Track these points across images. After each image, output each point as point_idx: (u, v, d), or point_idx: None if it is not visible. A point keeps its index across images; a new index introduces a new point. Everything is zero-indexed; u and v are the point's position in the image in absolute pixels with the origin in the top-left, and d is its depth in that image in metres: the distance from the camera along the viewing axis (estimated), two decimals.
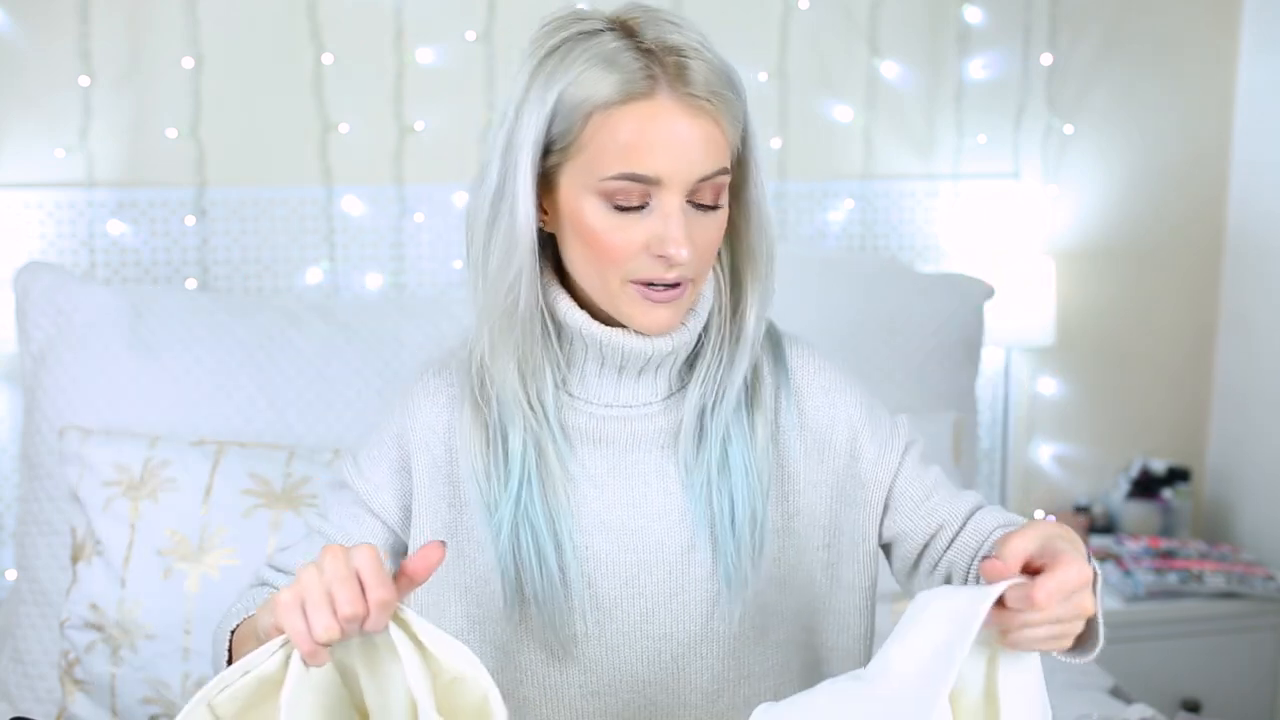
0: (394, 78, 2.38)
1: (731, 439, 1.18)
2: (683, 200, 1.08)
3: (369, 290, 2.40)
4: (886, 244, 2.61)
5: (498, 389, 1.17)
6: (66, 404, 1.93)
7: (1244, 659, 2.51)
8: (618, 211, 1.09)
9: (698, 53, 1.08)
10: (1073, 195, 2.71)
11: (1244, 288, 2.77)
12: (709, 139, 1.08)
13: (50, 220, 2.27)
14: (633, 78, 1.06)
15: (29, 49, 2.25)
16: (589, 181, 1.09)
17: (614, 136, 1.07)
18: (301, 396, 2.01)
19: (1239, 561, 2.57)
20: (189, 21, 2.29)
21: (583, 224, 1.10)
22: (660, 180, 1.07)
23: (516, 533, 1.17)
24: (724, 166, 1.10)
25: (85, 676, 1.78)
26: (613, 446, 1.20)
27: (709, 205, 1.10)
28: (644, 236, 1.09)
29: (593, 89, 1.06)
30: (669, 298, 1.11)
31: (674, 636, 1.21)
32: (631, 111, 1.06)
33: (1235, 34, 2.75)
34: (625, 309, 1.13)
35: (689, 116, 1.07)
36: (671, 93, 1.07)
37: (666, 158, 1.07)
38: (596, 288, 1.13)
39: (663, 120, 1.06)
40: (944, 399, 2.27)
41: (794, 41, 2.52)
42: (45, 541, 1.93)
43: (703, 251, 1.11)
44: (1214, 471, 2.86)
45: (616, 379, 1.19)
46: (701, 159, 1.08)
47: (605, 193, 1.08)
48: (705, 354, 1.19)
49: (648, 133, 1.06)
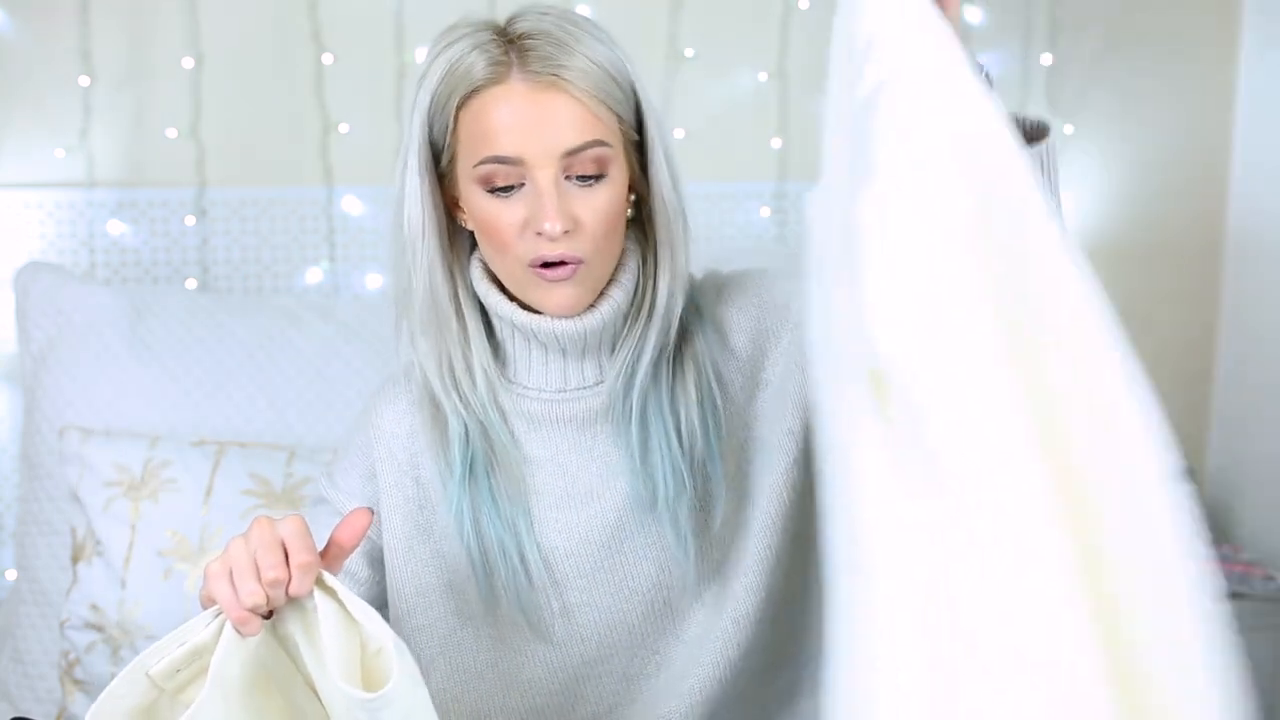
0: (394, 78, 2.38)
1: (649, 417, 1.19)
2: (556, 175, 1.11)
3: (369, 290, 2.40)
4: None
5: (426, 379, 1.21)
6: (66, 404, 1.93)
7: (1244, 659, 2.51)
8: (495, 195, 1.13)
9: (558, 35, 1.12)
10: (1073, 195, 2.71)
11: (1244, 288, 2.77)
12: (570, 113, 1.11)
13: (50, 220, 2.27)
14: (490, 63, 1.12)
15: (29, 49, 2.25)
16: (467, 170, 1.14)
17: (478, 123, 1.12)
18: (301, 396, 2.01)
19: (1239, 562, 2.58)
20: (189, 21, 2.29)
21: (475, 214, 1.15)
22: (524, 159, 1.11)
23: (477, 521, 1.19)
24: (595, 139, 1.12)
25: (85, 677, 1.78)
26: (570, 425, 1.22)
27: (590, 176, 1.13)
28: (522, 216, 1.12)
29: (456, 81, 1.12)
30: (560, 276, 1.13)
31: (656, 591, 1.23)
32: (488, 97, 1.12)
33: (1235, 34, 2.75)
34: (531, 294, 1.16)
35: (541, 92, 1.11)
36: (522, 73, 1.11)
37: (525, 136, 1.11)
38: (506, 276, 1.17)
39: (514, 101, 1.11)
40: None
41: (794, 41, 2.52)
42: (45, 541, 1.94)
43: (591, 226, 1.13)
44: (1214, 472, 2.86)
45: (562, 363, 1.21)
46: (563, 133, 1.11)
47: (481, 178, 1.13)
48: (624, 333, 1.20)
49: (503, 115, 1.11)
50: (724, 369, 1.24)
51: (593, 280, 1.16)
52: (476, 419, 1.20)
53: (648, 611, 1.23)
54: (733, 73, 2.46)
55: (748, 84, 2.51)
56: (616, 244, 1.18)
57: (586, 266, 1.14)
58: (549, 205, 1.10)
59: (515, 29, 1.13)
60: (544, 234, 1.11)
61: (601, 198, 1.13)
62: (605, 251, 1.16)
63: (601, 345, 1.21)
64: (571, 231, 1.12)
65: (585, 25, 1.14)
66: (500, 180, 1.12)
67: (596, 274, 1.16)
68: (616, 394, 1.20)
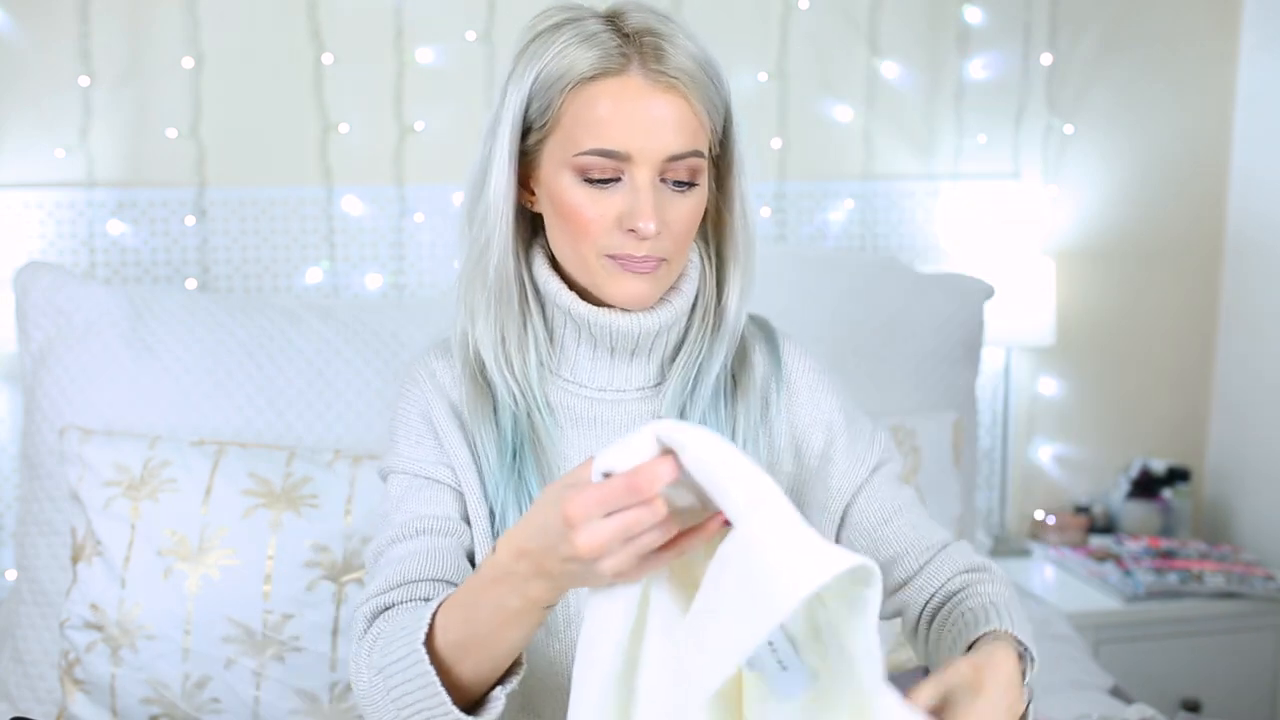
0: (394, 78, 2.38)
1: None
2: (654, 176, 1.11)
3: (369, 290, 2.40)
4: (886, 244, 2.61)
5: (482, 357, 1.20)
6: (66, 404, 1.93)
7: (1244, 659, 2.51)
8: (591, 185, 1.12)
9: (675, 38, 1.11)
10: (1073, 195, 2.71)
11: (1244, 288, 2.77)
12: (680, 118, 1.11)
13: (50, 220, 2.27)
14: (607, 54, 1.10)
15: (29, 49, 2.25)
16: (564, 157, 1.12)
17: (587, 112, 1.10)
18: (302, 396, 2.01)
19: (1239, 561, 2.57)
20: (189, 21, 2.29)
21: (560, 199, 1.14)
22: (630, 156, 1.10)
23: (518, 504, 1.18)
24: (697, 149, 1.12)
25: (85, 676, 1.77)
26: (606, 428, 1.22)
27: (684, 182, 1.13)
28: (616, 210, 1.12)
29: (569, 65, 1.10)
30: (643, 269, 1.13)
31: None
32: (604, 87, 1.10)
33: (1235, 34, 2.75)
34: (602, 283, 1.15)
35: (660, 94, 1.10)
36: (643, 70, 1.10)
37: (636, 133, 1.10)
38: (575, 264, 1.16)
39: (633, 96, 1.10)
40: (944, 399, 2.27)
41: (794, 41, 2.52)
42: (45, 541, 1.93)
43: (677, 230, 1.13)
44: (1214, 471, 2.86)
45: (609, 362, 1.21)
46: (672, 137, 1.10)
47: (579, 167, 1.12)
48: (688, 341, 1.21)
49: (618, 108, 1.10)
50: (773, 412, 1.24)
51: (667, 282, 1.17)
52: (524, 401, 1.20)
53: None
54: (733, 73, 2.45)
55: (748, 84, 2.51)
56: (689, 245, 1.19)
57: (666, 265, 1.15)
58: (646, 205, 1.10)
59: (629, 24, 1.12)
60: (637, 232, 1.11)
61: (690, 204, 1.14)
62: (681, 257, 1.17)
63: (652, 349, 1.21)
64: (660, 233, 1.12)
65: (688, 30, 1.13)
66: (598, 172, 1.11)
67: (671, 276, 1.17)
68: (676, 400, 1.19)
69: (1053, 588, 2.53)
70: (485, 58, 2.39)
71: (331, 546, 1.79)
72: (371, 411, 2.01)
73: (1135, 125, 2.72)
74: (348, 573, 1.79)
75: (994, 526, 2.72)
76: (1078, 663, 2.13)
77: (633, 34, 1.11)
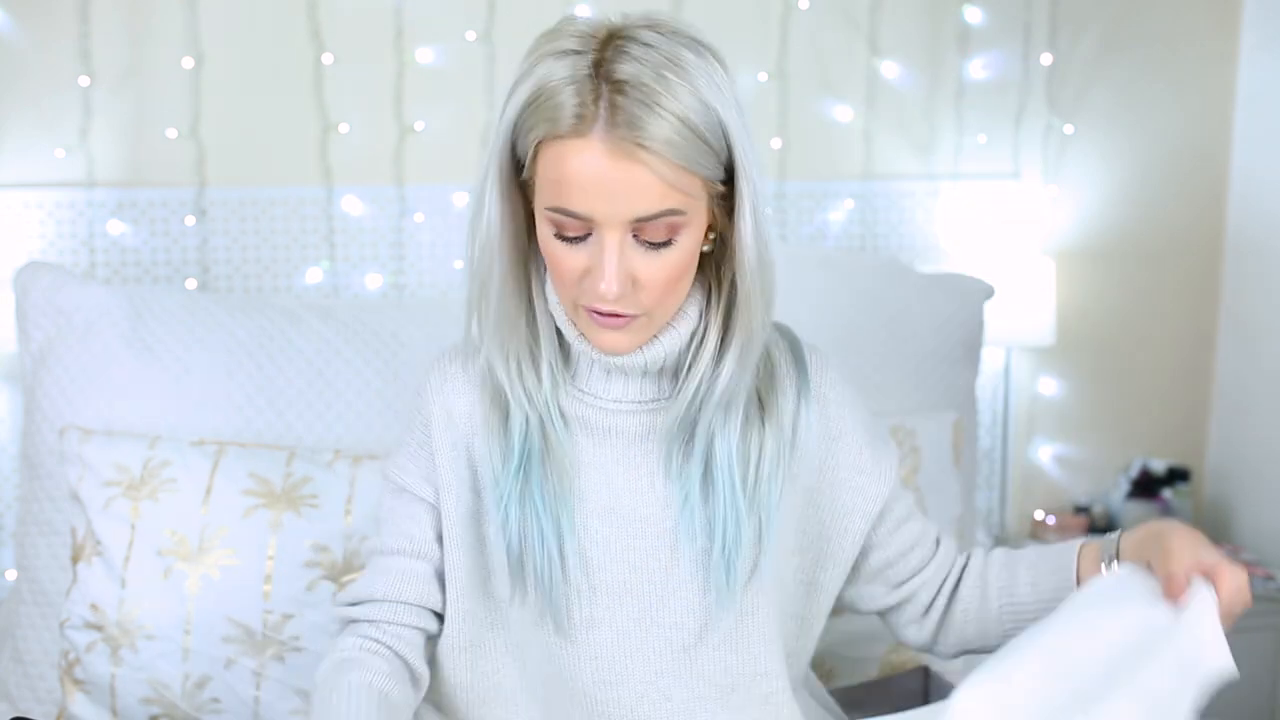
0: (394, 78, 2.38)
1: (715, 455, 1.19)
2: (623, 236, 1.08)
3: (369, 290, 2.40)
4: (886, 244, 2.61)
5: (493, 368, 1.21)
6: (66, 404, 1.93)
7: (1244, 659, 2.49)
8: (562, 240, 1.11)
9: (659, 99, 1.04)
10: (1073, 195, 2.71)
11: (1244, 288, 2.77)
12: (646, 184, 1.06)
13: (50, 220, 2.27)
14: (579, 109, 1.05)
15: (29, 49, 2.25)
16: (540, 207, 1.11)
17: (554, 169, 1.08)
18: (302, 396, 2.01)
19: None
20: (189, 21, 2.29)
21: (543, 244, 1.13)
22: (593, 219, 1.08)
23: (522, 513, 1.20)
24: (670, 208, 1.08)
25: (85, 676, 1.78)
26: (621, 437, 1.22)
27: (658, 242, 1.09)
28: (584, 264, 1.10)
29: (537, 119, 1.07)
30: (614, 325, 1.12)
31: (683, 626, 1.22)
32: (569, 147, 1.06)
33: (1235, 34, 2.75)
34: (583, 328, 1.16)
35: (621, 160, 1.05)
36: (605, 133, 1.05)
37: (594, 199, 1.07)
38: (565, 306, 1.17)
39: (592, 161, 1.05)
40: (944, 399, 2.27)
41: (794, 41, 2.52)
42: (45, 541, 1.93)
43: (651, 287, 1.11)
44: (1214, 471, 2.86)
45: (624, 380, 1.22)
46: (635, 201, 1.06)
47: (551, 221, 1.10)
48: (696, 365, 1.19)
49: (580, 172, 1.06)
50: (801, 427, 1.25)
51: (648, 328, 1.16)
52: (538, 414, 1.21)
53: (664, 648, 1.23)
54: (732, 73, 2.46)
55: (748, 84, 2.51)
56: (680, 293, 1.15)
57: (645, 317, 1.14)
58: (609, 268, 1.08)
59: (614, 71, 1.05)
60: (599, 294, 1.09)
61: (667, 261, 1.10)
62: (665, 304, 1.14)
63: (663, 371, 1.21)
64: (630, 291, 1.10)
65: (690, 67, 1.07)
66: (569, 230, 1.09)
67: (654, 323, 1.16)
68: (678, 420, 1.19)
69: None
70: (485, 58, 2.39)
71: (331, 546, 1.79)
72: (372, 411, 2.01)
73: (1135, 125, 2.72)
74: (348, 573, 1.79)
75: (994, 526, 2.72)
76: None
77: (615, 83, 1.05)
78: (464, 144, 2.41)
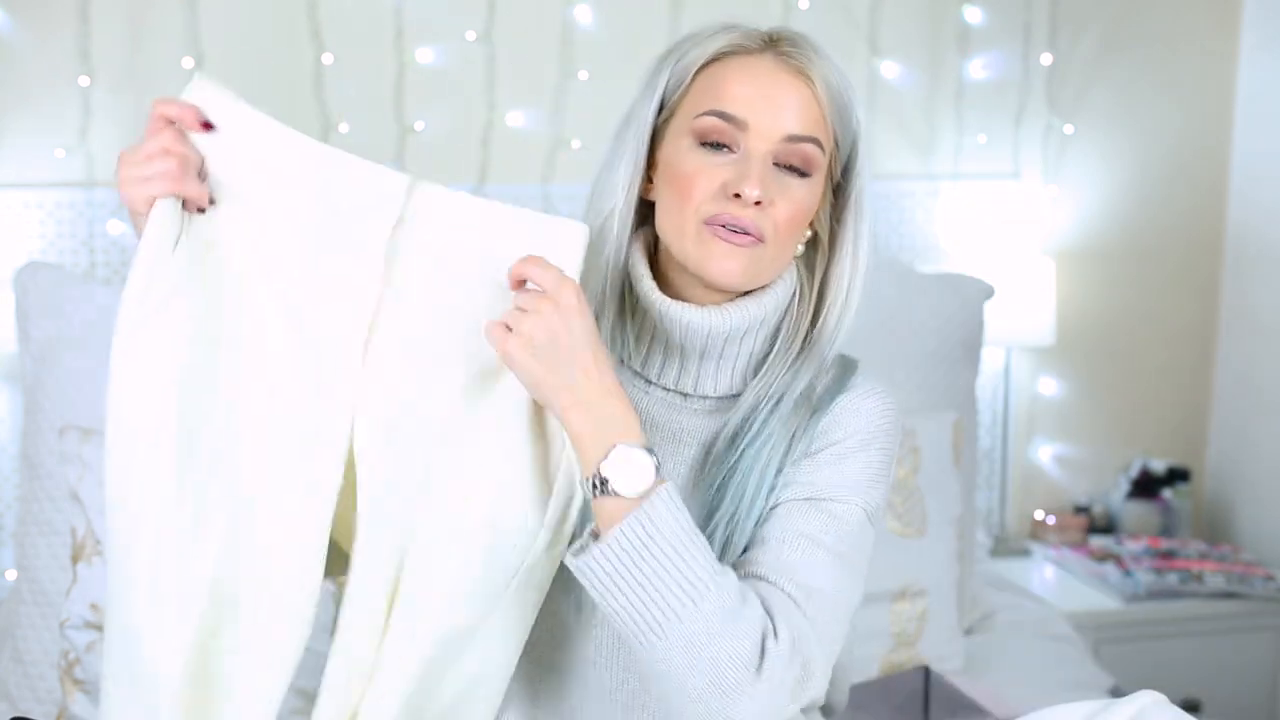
0: (394, 78, 2.38)
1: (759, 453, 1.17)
2: (768, 154, 1.13)
3: None
4: (886, 244, 2.61)
5: None
6: (67, 404, 1.93)
7: (1244, 659, 2.51)
8: (705, 149, 1.14)
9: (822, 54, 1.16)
10: (1073, 195, 2.71)
11: (1244, 288, 2.77)
12: (804, 102, 1.14)
13: (50, 220, 2.27)
14: (748, 38, 1.16)
15: (29, 49, 2.25)
16: (685, 123, 1.16)
17: (716, 80, 1.15)
18: None
19: (1239, 561, 2.58)
20: (189, 21, 2.29)
21: (674, 166, 1.16)
22: (747, 124, 1.13)
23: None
24: (816, 136, 1.14)
25: (85, 676, 1.78)
26: (663, 432, 1.22)
27: (796, 169, 1.15)
28: (724, 177, 1.13)
29: (708, 47, 1.17)
30: (739, 242, 1.13)
31: None
32: (736, 62, 1.16)
33: (1235, 34, 2.75)
34: (698, 251, 1.15)
35: (788, 75, 1.14)
36: (777, 54, 1.15)
37: (756, 103, 1.13)
38: (675, 235, 1.16)
39: (761, 71, 1.15)
40: (944, 399, 2.27)
41: None
42: (45, 541, 1.93)
43: (780, 214, 1.14)
44: (1214, 471, 2.86)
45: (679, 363, 1.21)
46: (792, 116, 1.13)
47: (697, 131, 1.15)
48: (771, 362, 1.20)
49: (744, 79, 1.14)
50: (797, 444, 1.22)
51: (759, 267, 1.16)
52: None
53: None
54: None
55: None
56: (788, 252, 1.18)
57: (762, 248, 1.14)
58: (754, 173, 1.12)
59: (781, 33, 1.18)
60: (741, 197, 1.12)
61: (798, 193, 1.15)
62: (779, 248, 1.16)
63: (723, 355, 1.20)
64: (763, 208, 1.13)
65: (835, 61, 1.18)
66: (715, 136, 1.14)
67: (764, 264, 1.16)
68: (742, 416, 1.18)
69: (1052, 588, 2.53)
70: (485, 58, 2.39)
71: None
72: None
73: (1135, 125, 2.72)
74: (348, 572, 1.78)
75: (994, 526, 2.72)
76: (1077, 663, 2.13)
77: (785, 37, 1.17)
78: (464, 144, 2.40)
